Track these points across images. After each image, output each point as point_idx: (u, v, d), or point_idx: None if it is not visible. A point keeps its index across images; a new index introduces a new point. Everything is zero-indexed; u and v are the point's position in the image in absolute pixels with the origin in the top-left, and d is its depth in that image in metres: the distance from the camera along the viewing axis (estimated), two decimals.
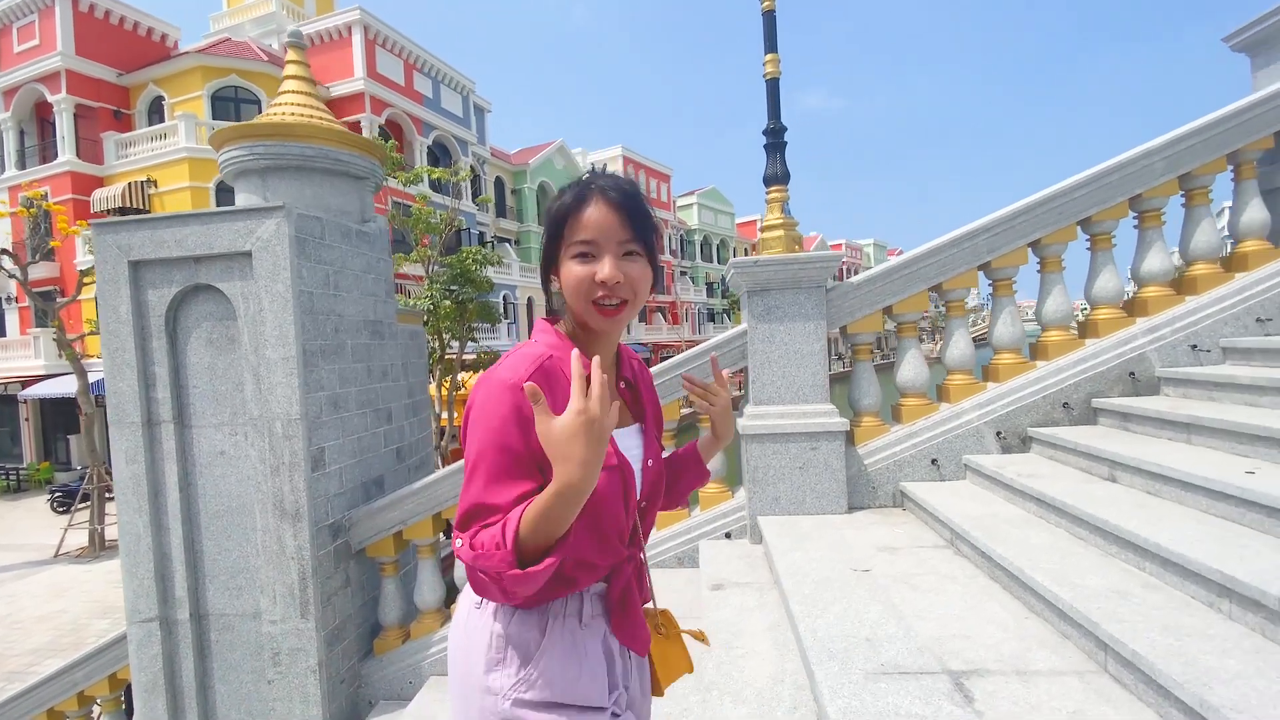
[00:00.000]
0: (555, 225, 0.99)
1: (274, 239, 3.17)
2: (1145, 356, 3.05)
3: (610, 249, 0.96)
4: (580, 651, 0.98)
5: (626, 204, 0.97)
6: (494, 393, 0.91)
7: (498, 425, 0.89)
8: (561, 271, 0.99)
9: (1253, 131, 3.07)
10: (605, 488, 0.93)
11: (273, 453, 3.21)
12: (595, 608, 1.02)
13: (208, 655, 3.44)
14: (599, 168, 1.09)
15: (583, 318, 0.99)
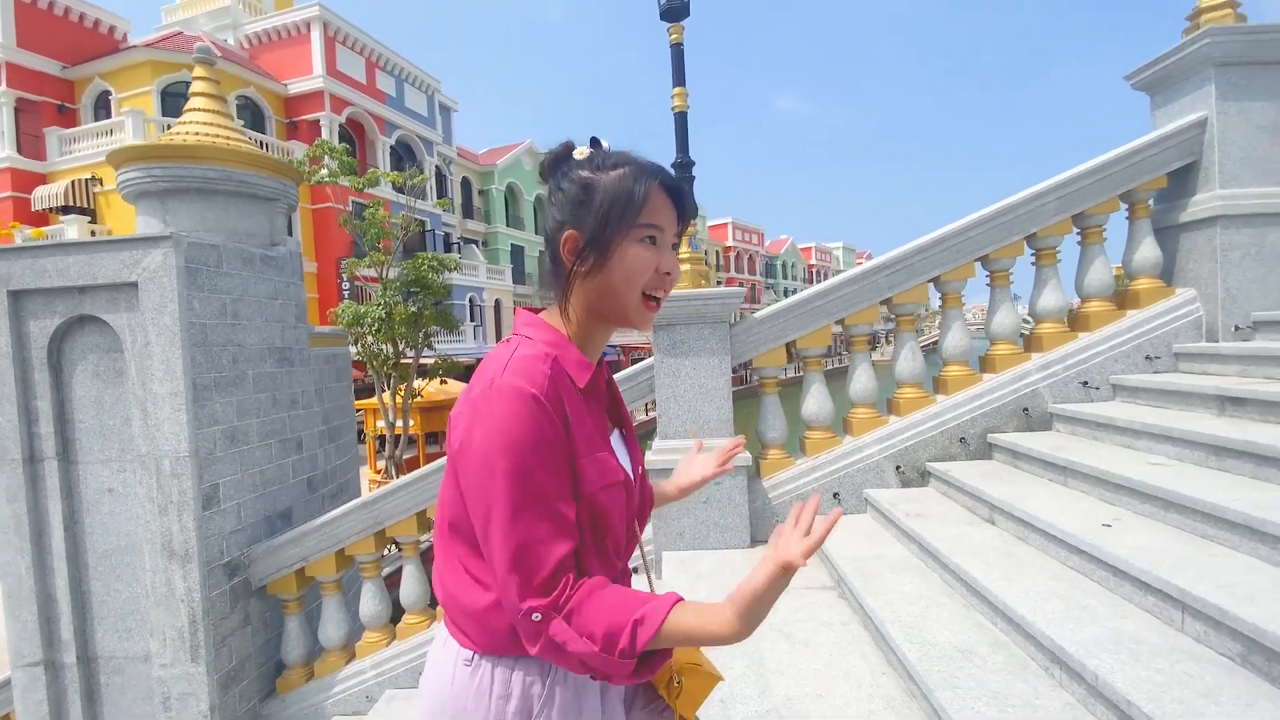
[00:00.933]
0: (628, 202, 0.85)
1: (161, 270, 3.05)
2: (1039, 392, 3.12)
3: (669, 240, 0.90)
4: (587, 705, 0.89)
5: (687, 197, 0.91)
6: (513, 406, 0.77)
7: (528, 444, 0.76)
8: (619, 253, 0.85)
9: (1145, 172, 3.15)
10: (612, 505, 0.86)
11: (161, 491, 3.10)
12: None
13: (97, 699, 3.31)
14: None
15: (625, 309, 0.88)
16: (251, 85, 19.43)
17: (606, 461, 0.86)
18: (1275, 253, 2.97)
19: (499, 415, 0.77)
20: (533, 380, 0.78)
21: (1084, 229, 3.26)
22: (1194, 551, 1.81)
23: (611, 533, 0.88)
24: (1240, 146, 3.01)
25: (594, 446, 0.85)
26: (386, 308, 11.95)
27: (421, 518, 3.33)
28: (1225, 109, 3.01)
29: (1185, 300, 3.11)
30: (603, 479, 0.85)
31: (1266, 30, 2.93)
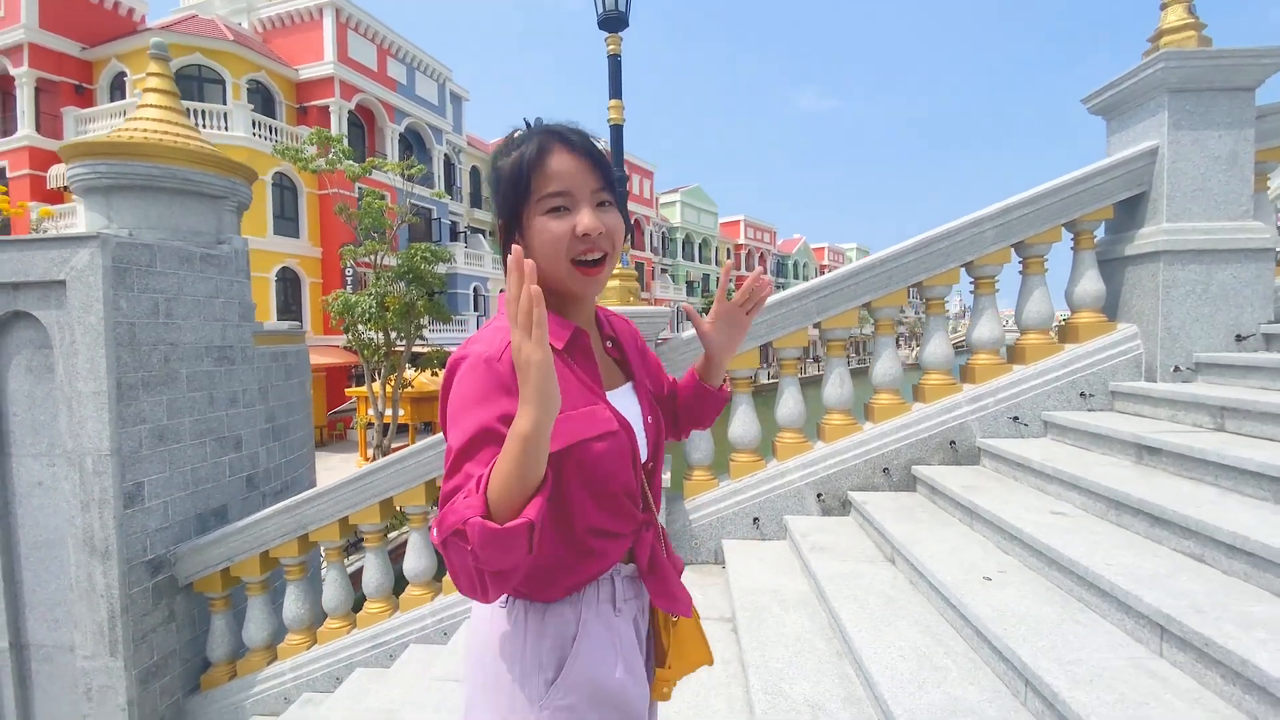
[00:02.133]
0: (518, 181, 0.88)
1: (87, 269, 3.06)
2: (967, 425, 3.03)
3: (585, 199, 0.88)
4: (615, 640, 0.93)
5: (592, 151, 0.90)
6: (473, 369, 0.82)
7: (476, 396, 0.80)
8: (531, 231, 0.88)
9: (1088, 202, 3.04)
10: (608, 451, 0.88)
11: (83, 488, 3.13)
12: (628, 590, 0.98)
13: (29, 685, 3.37)
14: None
15: (561, 282, 0.90)
16: (263, 70, 19.57)
17: (595, 414, 0.88)
18: (1223, 291, 2.85)
19: (460, 380, 0.83)
20: (490, 346, 0.82)
21: (1025, 259, 3.16)
22: (1060, 616, 1.73)
23: (615, 480, 0.90)
24: (1192, 178, 2.89)
25: (577, 401, 0.87)
26: (379, 297, 12.02)
27: (344, 524, 3.33)
28: (1178, 138, 2.89)
29: (1126, 337, 3.00)
30: (591, 429, 0.87)
31: (1228, 55, 2.80)
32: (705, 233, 48.44)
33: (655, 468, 1.03)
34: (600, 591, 0.94)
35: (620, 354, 1.06)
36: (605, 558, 0.93)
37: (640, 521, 0.96)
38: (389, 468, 3.25)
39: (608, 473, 0.89)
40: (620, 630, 0.95)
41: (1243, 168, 2.88)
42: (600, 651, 0.91)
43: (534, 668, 0.89)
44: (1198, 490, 2.03)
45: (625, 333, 1.11)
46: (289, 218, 20.03)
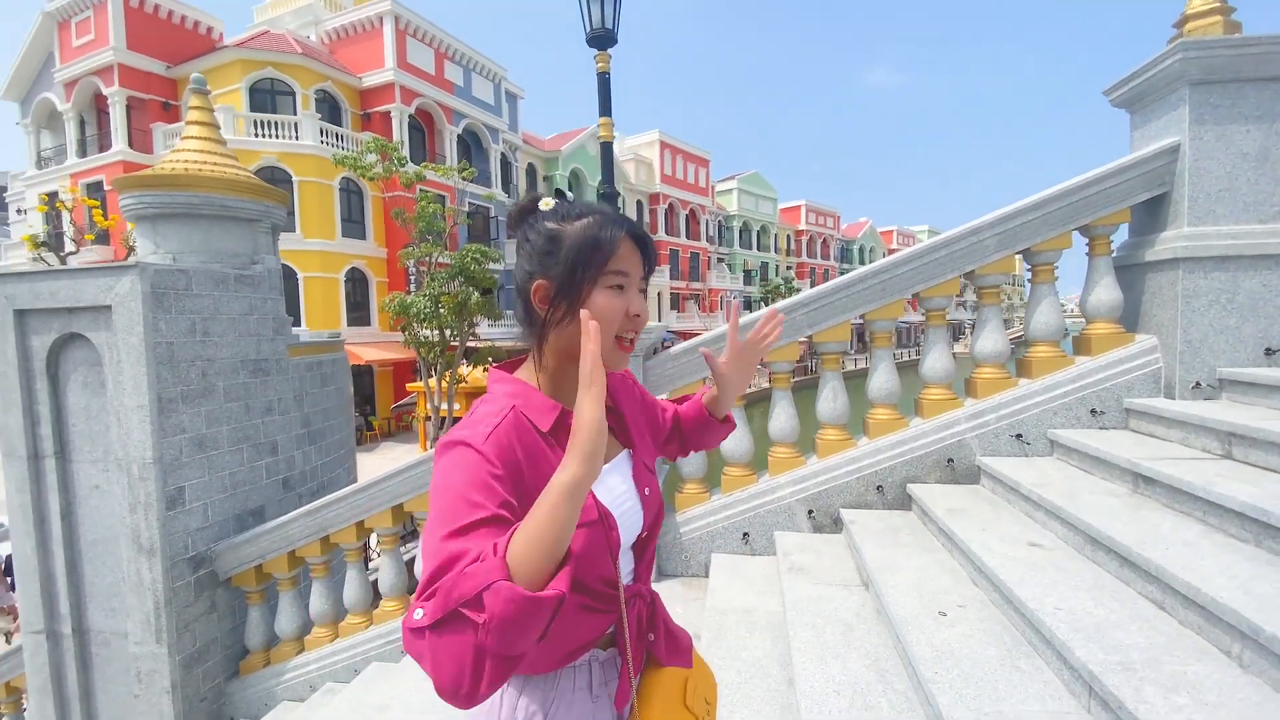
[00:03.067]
0: (593, 253, 0.90)
1: (129, 295, 3.38)
2: (966, 443, 2.91)
3: (635, 284, 0.95)
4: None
5: (648, 247, 0.97)
6: (452, 455, 0.81)
7: (462, 479, 0.77)
8: (591, 300, 0.91)
9: (1100, 206, 2.85)
10: (585, 542, 0.86)
11: (131, 492, 3.47)
12: (605, 675, 0.97)
13: (90, 667, 3.79)
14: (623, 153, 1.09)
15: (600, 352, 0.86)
16: (329, 80, 20.60)
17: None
18: (1251, 301, 2.61)
19: (440, 466, 0.82)
20: (474, 434, 0.82)
21: (1033, 266, 2.99)
22: (1001, 660, 1.68)
23: (588, 571, 0.87)
24: (1218, 177, 2.65)
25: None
26: (433, 297, 12.50)
27: (360, 527, 3.55)
28: (1200, 134, 2.66)
29: (1144, 349, 2.80)
30: None
31: (1256, 42, 2.55)
32: (764, 219, 47.55)
33: (650, 537, 1.02)
34: (577, 678, 0.94)
35: (619, 423, 1.05)
36: (584, 638, 0.92)
37: (617, 603, 0.94)
38: (398, 476, 3.44)
39: (582, 564, 0.84)
40: (598, 715, 0.94)
41: (1275, 165, 2.62)
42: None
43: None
44: (1180, 528, 1.90)
45: (623, 392, 1.10)
46: (355, 220, 21.07)
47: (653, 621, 1.03)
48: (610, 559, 0.91)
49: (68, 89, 20.00)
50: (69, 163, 20.45)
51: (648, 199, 36.51)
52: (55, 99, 20.59)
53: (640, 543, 1.01)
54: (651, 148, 36.71)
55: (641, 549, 1.01)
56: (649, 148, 36.80)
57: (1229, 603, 1.43)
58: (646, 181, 36.22)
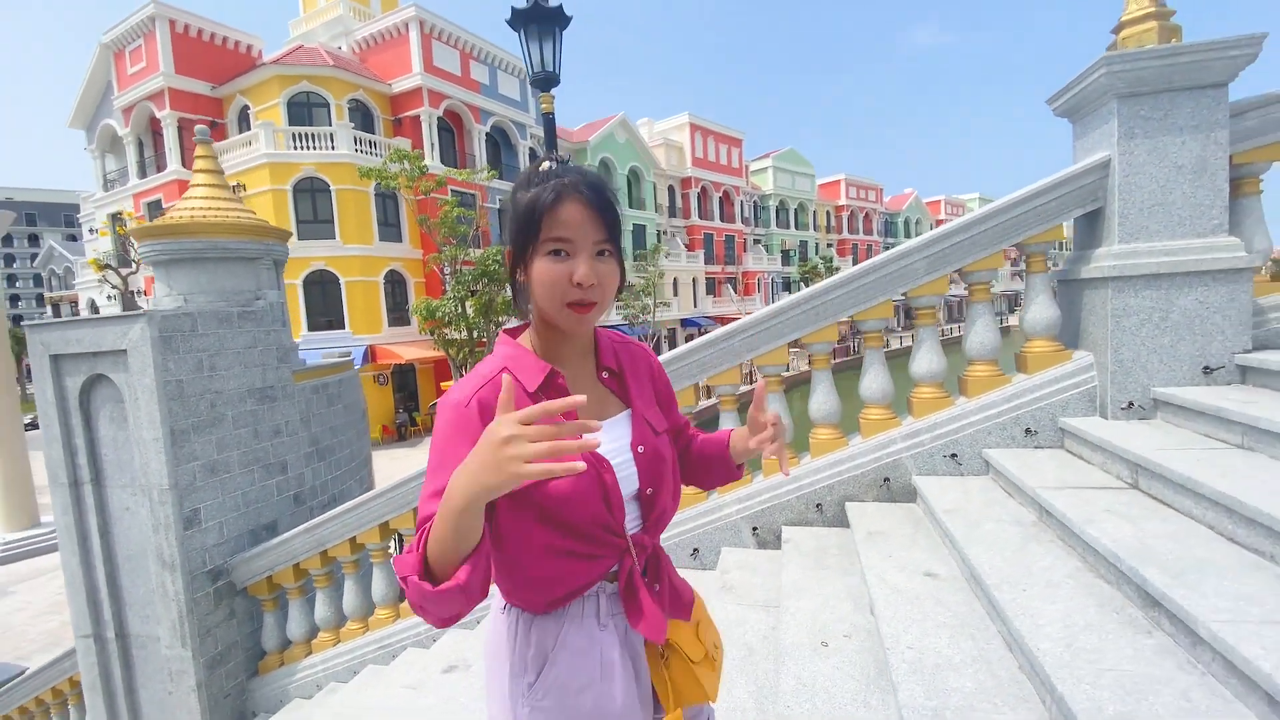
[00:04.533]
0: (529, 221, 0.94)
1: (140, 340, 3.76)
2: (901, 463, 2.97)
3: (585, 248, 0.94)
4: (595, 655, 0.99)
5: (601, 203, 0.95)
6: (441, 411, 0.94)
7: (441, 442, 0.90)
8: (534, 268, 0.95)
9: (1032, 224, 2.83)
10: (571, 488, 0.93)
11: (153, 514, 3.89)
12: (612, 606, 1.02)
13: (131, 666, 4.28)
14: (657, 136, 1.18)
15: (553, 318, 0.97)
16: (360, 88, 21.30)
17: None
18: (1186, 319, 2.57)
19: (437, 420, 0.95)
20: (460, 393, 0.94)
21: (969, 286, 2.99)
22: (854, 698, 1.79)
23: (581, 514, 0.94)
24: (1150, 192, 2.60)
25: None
26: (458, 299, 12.94)
27: (353, 543, 3.87)
28: (1131, 148, 2.61)
29: (1081, 367, 2.78)
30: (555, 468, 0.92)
31: (1188, 50, 2.48)
32: (801, 197, 46.54)
33: (656, 493, 1.05)
34: (585, 607, 1.01)
35: (620, 384, 1.10)
36: (583, 576, 0.98)
37: (619, 546, 1.00)
38: (383, 495, 3.73)
39: (570, 508, 0.93)
40: (606, 645, 1.00)
41: (1213, 176, 2.55)
42: (577, 664, 0.98)
43: (520, 669, 0.99)
44: (1056, 566, 1.95)
45: (634, 361, 1.15)
46: (391, 224, 21.81)
47: (657, 573, 1.07)
48: (604, 504, 0.96)
49: (125, 114, 21.38)
50: (131, 184, 21.93)
51: (679, 183, 36.29)
52: (116, 124, 22.06)
53: (645, 497, 1.03)
54: (681, 131, 36.36)
55: (648, 504, 1.04)
56: (679, 131, 36.47)
57: (1043, 656, 1.50)
58: (677, 166, 35.97)
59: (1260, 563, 1.61)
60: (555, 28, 3.33)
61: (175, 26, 19.92)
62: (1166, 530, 1.85)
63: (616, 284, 0.99)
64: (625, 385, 1.10)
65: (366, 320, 20.65)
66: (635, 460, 1.03)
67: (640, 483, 1.03)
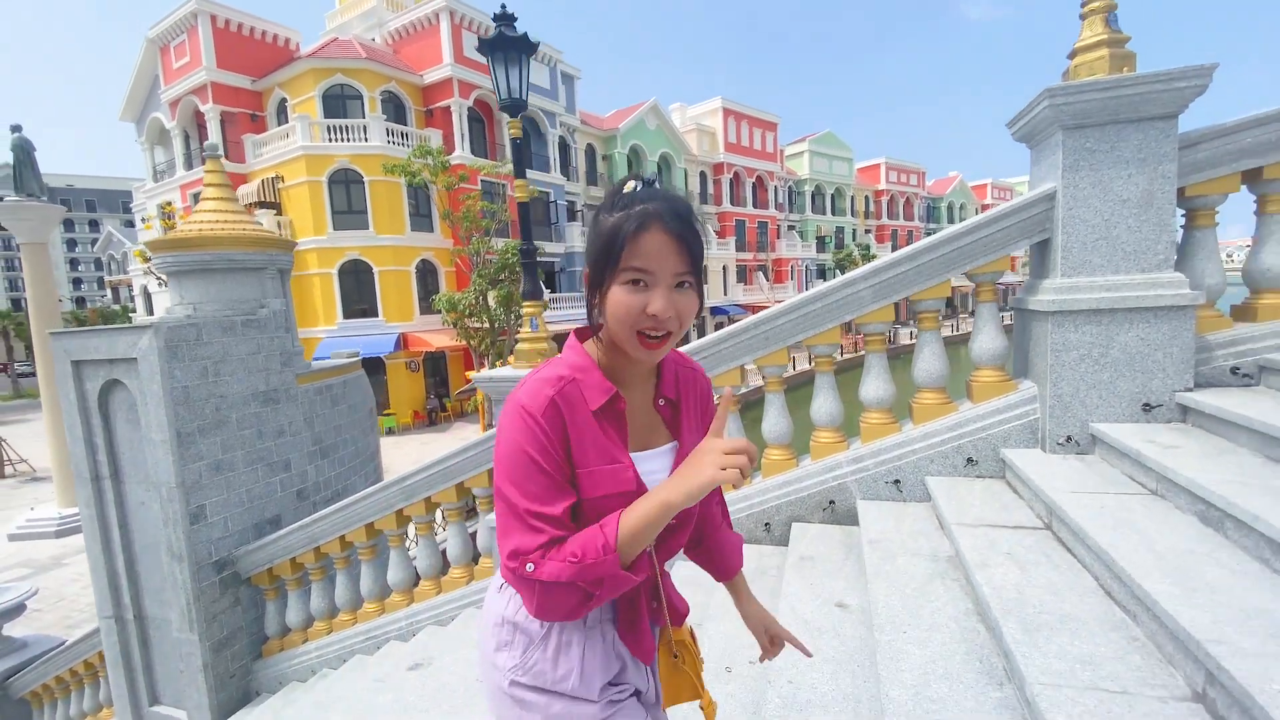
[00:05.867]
0: (609, 247, 0.93)
1: (149, 350, 4.06)
2: (847, 486, 3.03)
3: (665, 279, 0.93)
4: (577, 650, 1.05)
5: (686, 233, 0.94)
6: (516, 420, 0.96)
7: (525, 442, 0.94)
8: (610, 295, 0.95)
9: (979, 254, 2.82)
10: (612, 505, 0.97)
11: (163, 510, 4.22)
12: (601, 612, 1.07)
13: (149, 646, 4.66)
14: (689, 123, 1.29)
15: (623, 345, 0.97)
16: (393, 80, 21.70)
17: (619, 473, 0.99)
18: (1127, 355, 2.55)
19: (505, 424, 0.97)
20: (534, 400, 0.95)
21: (919, 314, 3.00)
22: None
23: None
24: (1093, 226, 2.57)
25: (598, 460, 0.98)
26: (480, 292, 13.23)
27: (342, 540, 4.13)
28: (1075, 181, 2.58)
29: (1024, 399, 2.78)
30: (605, 488, 0.98)
31: (1133, 82, 2.44)
32: (838, 181, 45.51)
33: (676, 528, 1.08)
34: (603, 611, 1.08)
35: (674, 414, 1.12)
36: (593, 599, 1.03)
37: (651, 571, 1.06)
38: (368, 499, 3.96)
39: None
40: (589, 643, 1.06)
41: (1159, 210, 2.51)
42: (558, 654, 1.04)
43: (505, 644, 1.06)
44: (945, 610, 2.00)
45: (690, 389, 1.16)
46: (423, 215, 22.28)
47: (656, 592, 1.14)
48: None
49: (172, 108, 22.30)
50: (178, 175, 22.94)
51: (711, 169, 35.91)
52: (163, 118, 23.04)
53: (667, 528, 1.03)
54: (715, 116, 35.89)
55: (668, 533, 1.06)
56: (712, 116, 36.01)
57: (890, 703, 1.59)
58: (710, 151, 35.58)
59: (1124, 622, 1.65)
60: (521, 55, 3.43)
61: (216, 21, 20.61)
62: (1052, 580, 1.89)
63: (693, 315, 0.99)
64: (679, 418, 1.12)
65: (399, 308, 21.26)
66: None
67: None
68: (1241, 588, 1.52)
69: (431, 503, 3.84)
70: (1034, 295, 2.75)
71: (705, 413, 1.19)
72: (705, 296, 1.09)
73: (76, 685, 5.59)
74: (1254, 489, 1.80)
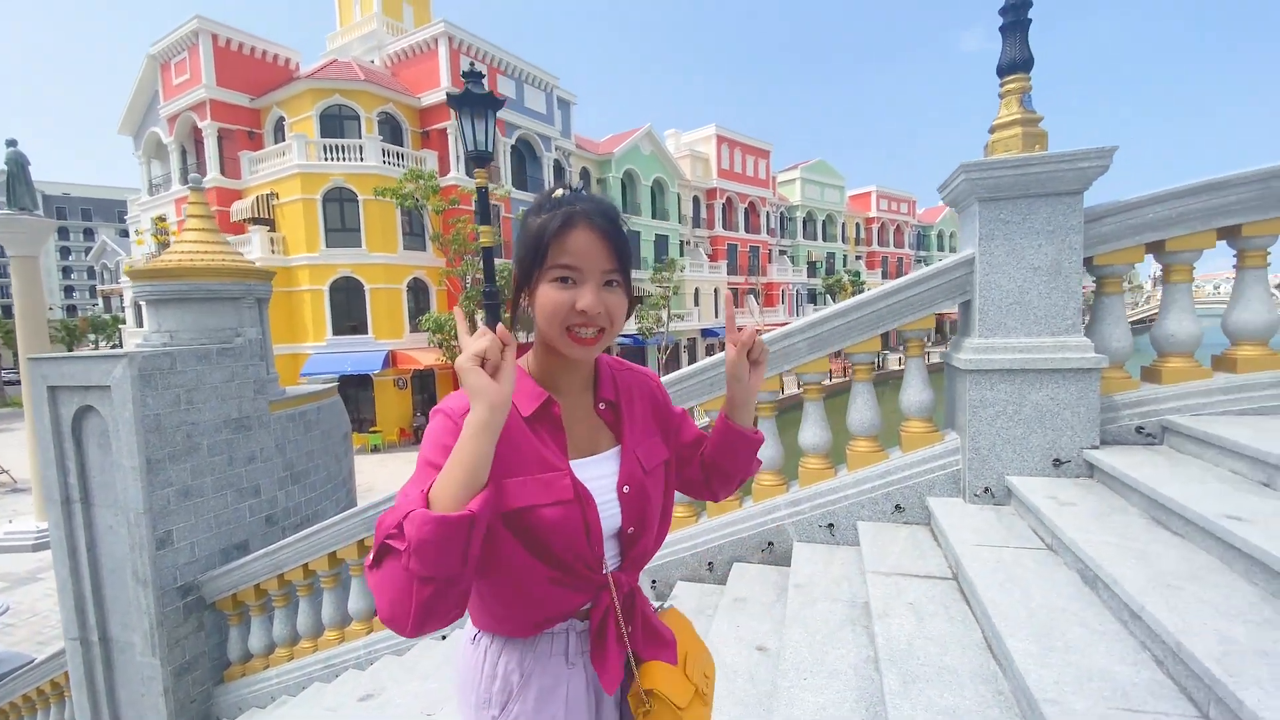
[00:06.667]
0: (536, 246, 0.94)
1: (122, 378, 4.18)
2: (784, 529, 3.16)
3: (593, 277, 0.94)
4: (561, 694, 1.00)
5: (611, 232, 0.95)
6: (433, 421, 0.94)
7: (431, 445, 0.91)
8: (537, 294, 0.95)
9: (905, 313, 3.00)
10: (557, 518, 0.93)
11: (130, 534, 4.30)
12: (581, 644, 1.03)
13: (113, 668, 4.71)
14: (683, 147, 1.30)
15: (554, 342, 0.97)
16: (390, 102, 22.05)
17: (551, 481, 0.95)
18: (1038, 413, 2.71)
19: (429, 427, 0.96)
20: (456, 405, 0.93)
21: (855, 365, 3.17)
22: None
23: (564, 547, 0.94)
24: (1007, 291, 2.76)
25: (533, 467, 0.95)
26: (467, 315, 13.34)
27: (305, 568, 4.22)
28: (991, 249, 2.77)
29: (949, 450, 2.94)
30: (543, 496, 0.93)
31: (1040, 161, 2.64)
32: (830, 208, 46.18)
33: (638, 533, 1.04)
34: (554, 644, 1.02)
35: (615, 417, 1.09)
36: (559, 604, 0.99)
37: (596, 584, 1.00)
38: (331, 528, 4.06)
39: (552, 537, 0.93)
40: (573, 683, 1.01)
41: (1067, 279, 2.69)
42: (543, 702, 0.99)
43: (485, 702, 1.01)
44: (849, 657, 2.13)
45: (632, 391, 1.13)
46: (416, 234, 22.46)
47: (630, 613, 1.05)
48: (585, 538, 0.96)
49: (170, 123, 22.56)
50: (174, 189, 23.12)
51: (704, 194, 36.43)
52: (161, 132, 23.29)
53: (626, 536, 1.03)
54: (708, 142, 36.51)
55: (629, 542, 1.04)
56: (706, 142, 36.63)
57: None
58: (703, 177, 36.13)
59: (995, 675, 1.79)
60: (488, 110, 3.63)
61: (218, 40, 20.96)
62: (943, 631, 2.02)
63: (623, 315, 0.98)
64: (620, 419, 1.09)
65: (389, 326, 21.35)
66: (619, 499, 1.02)
67: (623, 521, 1.02)
68: (1096, 649, 1.66)
69: None
70: (957, 353, 2.92)
71: (656, 414, 1.16)
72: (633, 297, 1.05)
73: (43, 704, 5.60)
74: (1127, 552, 1.95)
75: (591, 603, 1.01)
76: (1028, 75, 2.84)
